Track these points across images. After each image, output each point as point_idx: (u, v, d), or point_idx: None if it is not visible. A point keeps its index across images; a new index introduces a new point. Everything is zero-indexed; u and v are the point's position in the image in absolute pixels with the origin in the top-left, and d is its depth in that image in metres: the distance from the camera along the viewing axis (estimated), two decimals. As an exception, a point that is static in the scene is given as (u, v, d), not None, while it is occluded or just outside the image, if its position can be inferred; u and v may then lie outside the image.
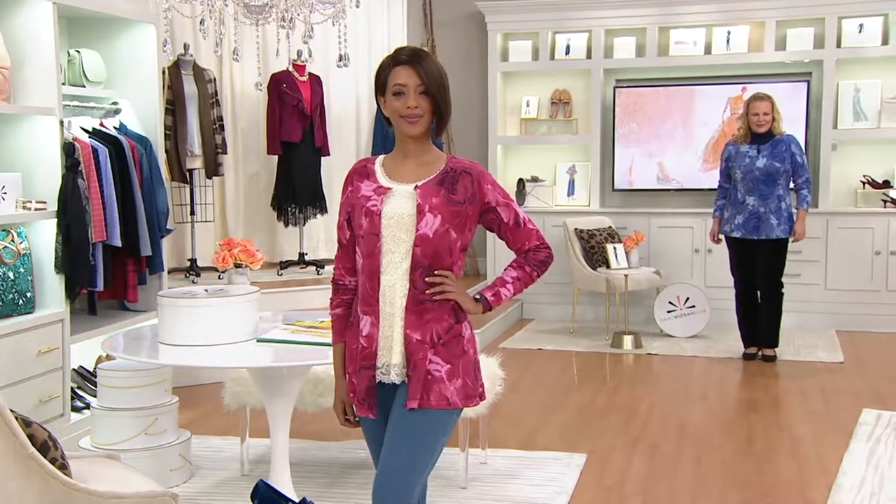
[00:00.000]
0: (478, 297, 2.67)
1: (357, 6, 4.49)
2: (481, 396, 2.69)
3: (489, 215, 2.65)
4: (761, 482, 4.40)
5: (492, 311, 2.70)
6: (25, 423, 2.60)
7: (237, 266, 3.89)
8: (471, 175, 2.62)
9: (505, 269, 2.73)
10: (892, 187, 7.97)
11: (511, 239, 2.70)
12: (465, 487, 4.27)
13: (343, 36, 4.16)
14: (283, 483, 3.74)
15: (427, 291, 2.56)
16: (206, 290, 3.80)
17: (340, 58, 4.28)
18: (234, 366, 3.87)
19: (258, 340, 3.71)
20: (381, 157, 2.70)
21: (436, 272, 2.57)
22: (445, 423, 2.61)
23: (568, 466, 4.59)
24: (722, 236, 6.88)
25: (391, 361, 2.59)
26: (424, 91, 2.56)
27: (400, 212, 2.56)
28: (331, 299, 2.75)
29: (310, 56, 4.36)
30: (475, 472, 4.44)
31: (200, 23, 4.13)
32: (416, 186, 2.58)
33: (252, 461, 4.58)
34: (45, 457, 2.59)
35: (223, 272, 7.13)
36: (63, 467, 2.66)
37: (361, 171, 2.67)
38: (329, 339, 3.50)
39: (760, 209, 6.59)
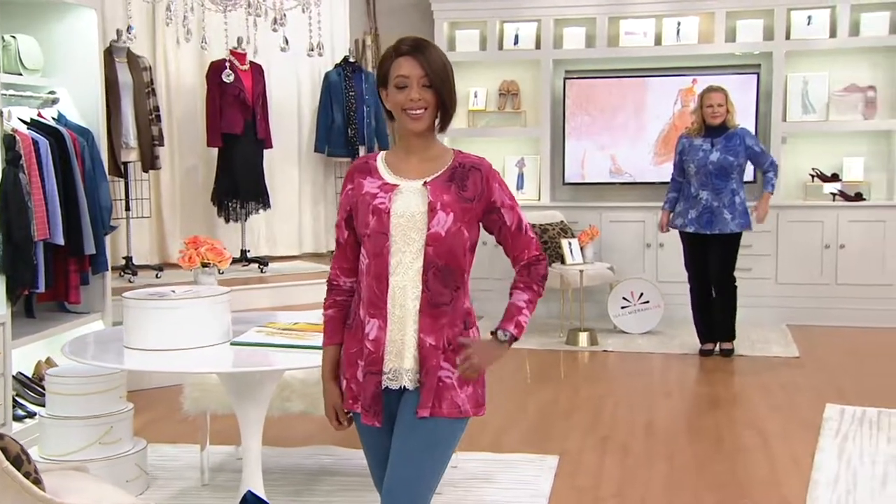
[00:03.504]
0: (502, 335, 2.50)
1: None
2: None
3: (493, 216, 2.53)
4: (735, 481, 4.34)
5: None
6: (-3, 435, 2.39)
7: (204, 265, 3.64)
8: (480, 171, 2.50)
9: (514, 292, 2.56)
10: (840, 181, 8.00)
11: (511, 244, 2.56)
12: (440, 493, 4.10)
13: (318, 24, 3.95)
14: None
15: (459, 374, 2.45)
16: (174, 291, 3.56)
17: (312, 47, 4.05)
18: (210, 371, 3.64)
19: (231, 343, 3.48)
20: (382, 154, 2.57)
21: (459, 340, 2.45)
22: (456, 431, 2.53)
23: (541, 469, 4.48)
24: (670, 228, 6.80)
25: (402, 366, 2.46)
26: (428, 83, 2.43)
27: (410, 210, 2.44)
28: (324, 299, 2.61)
29: (286, 44, 4.11)
30: (448, 477, 4.24)
31: (167, 9, 3.87)
32: (426, 182, 2.46)
33: (212, 469, 4.35)
34: (18, 470, 2.39)
35: (160, 272, 6.91)
36: (37, 482, 2.47)
37: (362, 168, 2.54)
38: (306, 342, 3.31)
39: (714, 203, 6.53)
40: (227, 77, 5.22)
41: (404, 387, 2.47)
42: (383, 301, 2.44)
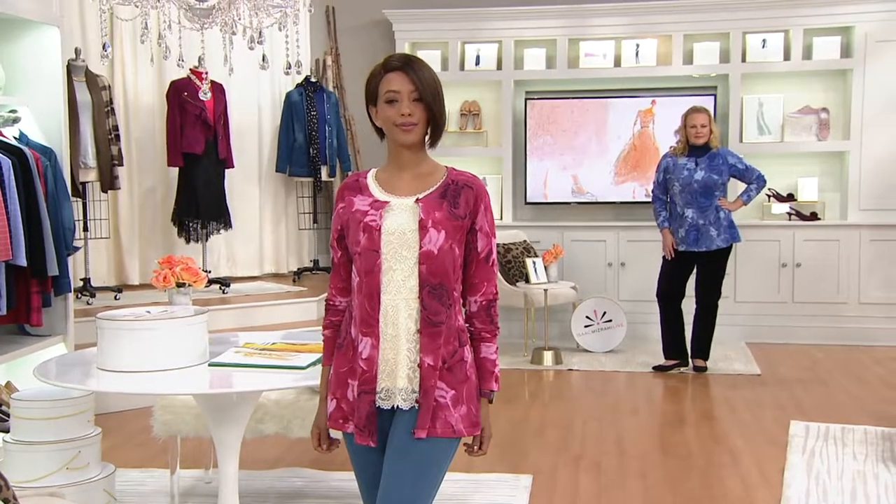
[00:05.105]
0: (493, 397, 2.56)
1: (310, 11, 4.24)
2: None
3: (469, 236, 2.48)
4: (710, 497, 4.35)
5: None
6: (-25, 465, 2.31)
7: (179, 285, 3.58)
8: (473, 190, 2.48)
9: (482, 345, 2.53)
10: (795, 200, 8.13)
11: (473, 271, 2.50)
12: (416, 516, 4.06)
13: (297, 42, 3.91)
14: (232, 519, 3.46)
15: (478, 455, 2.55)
16: (149, 311, 3.49)
17: (289, 65, 4.02)
18: (190, 392, 3.56)
19: (210, 364, 3.42)
20: (373, 171, 2.55)
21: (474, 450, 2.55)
22: (449, 451, 2.49)
23: (516, 488, 4.45)
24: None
25: (396, 386, 2.43)
26: (418, 98, 2.42)
27: (401, 227, 2.41)
28: (323, 319, 2.60)
29: (264, 61, 4.06)
30: (424, 499, 4.23)
31: (144, 26, 3.81)
32: (417, 200, 2.43)
33: (182, 494, 4.27)
34: (-2, 498, 2.32)
35: (118, 293, 6.79)
36: (17, 509, 2.38)
37: (353, 186, 2.51)
38: (285, 363, 3.29)
39: (700, 221, 6.63)
40: (205, 95, 5.16)
41: (397, 406, 2.45)
42: (375, 319, 2.41)
